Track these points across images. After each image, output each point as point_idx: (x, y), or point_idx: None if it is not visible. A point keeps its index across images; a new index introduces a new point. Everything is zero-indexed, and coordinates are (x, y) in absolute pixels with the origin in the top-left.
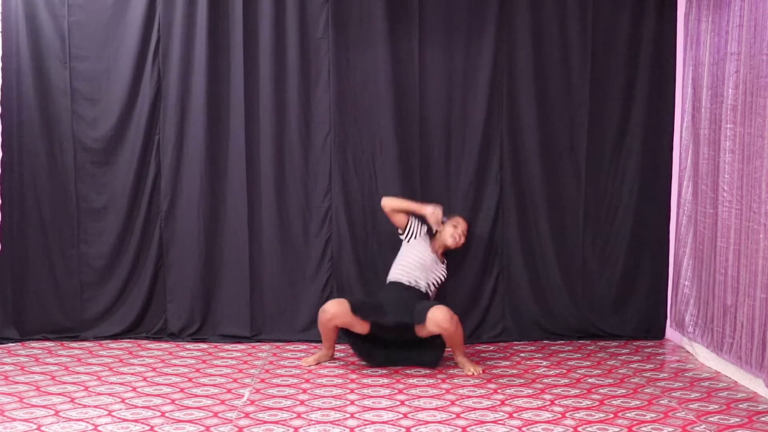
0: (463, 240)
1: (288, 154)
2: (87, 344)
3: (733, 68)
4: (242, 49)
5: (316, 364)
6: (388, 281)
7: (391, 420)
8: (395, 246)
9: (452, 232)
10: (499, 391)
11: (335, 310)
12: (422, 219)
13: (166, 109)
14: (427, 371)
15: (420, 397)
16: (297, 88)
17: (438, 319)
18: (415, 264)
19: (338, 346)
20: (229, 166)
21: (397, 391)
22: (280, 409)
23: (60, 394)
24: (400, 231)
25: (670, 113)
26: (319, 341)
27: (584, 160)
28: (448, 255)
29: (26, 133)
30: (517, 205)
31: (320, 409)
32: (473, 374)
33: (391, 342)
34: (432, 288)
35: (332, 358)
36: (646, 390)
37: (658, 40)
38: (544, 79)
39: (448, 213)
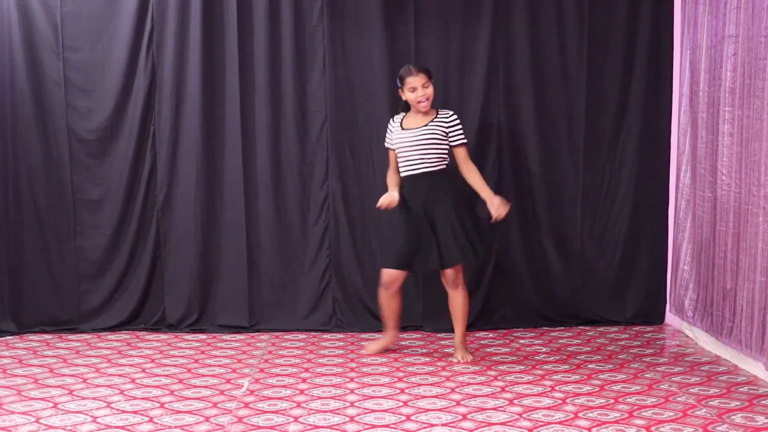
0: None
1: (284, 143)
2: (85, 336)
3: (731, 51)
4: (237, 37)
5: (383, 350)
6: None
7: (392, 408)
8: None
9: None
10: (499, 377)
11: (388, 278)
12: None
13: (161, 100)
14: (427, 359)
15: (420, 384)
16: (292, 77)
17: (447, 274)
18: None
19: (337, 335)
20: (225, 156)
21: (397, 379)
22: (280, 398)
23: (59, 386)
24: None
25: (668, 97)
26: (318, 330)
27: (582, 146)
28: None
29: (20, 125)
30: (515, 192)
31: (320, 398)
32: (459, 361)
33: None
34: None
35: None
36: (647, 375)
37: (655, 23)
38: (541, 65)
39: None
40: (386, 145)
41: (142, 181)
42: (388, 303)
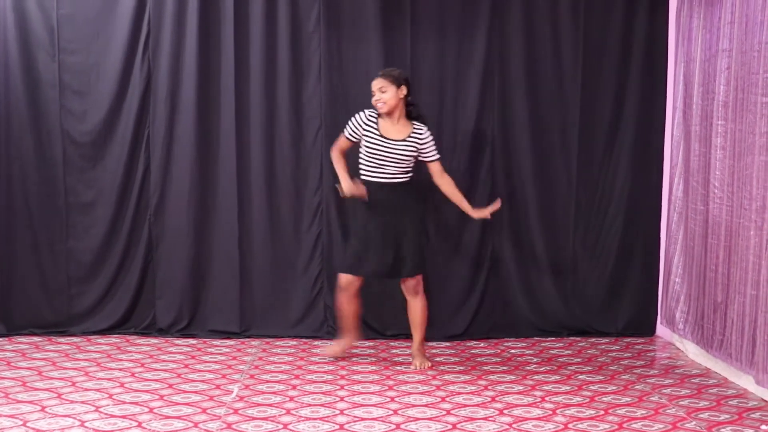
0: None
1: (279, 148)
2: (75, 339)
3: (725, 65)
4: (233, 42)
5: (341, 354)
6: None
7: (381, 416)
8: None
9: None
10: (489, 387)
11: (346, 281)
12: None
13: (156, 103)
14: (429, 364)
15: (410, 393)
16: (288, 83)
17: (407, 281)
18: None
19: (328, 342)
20: (219, 161)
21: (387, 388)
22: (270, 405)
23: (47, 389)
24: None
25: (662, 109)
26: (309, 337)
27: (575, 157)
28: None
29: (14, 127)
30: (508, 202)
31: (310, 405)
32: (417, 368)
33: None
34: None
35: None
36: (637, 387)
37: (649, 36)
38: (535, 76)
39: (441, 212)
40: (347, 134)
41: (135, 184)
42: (347, 306)
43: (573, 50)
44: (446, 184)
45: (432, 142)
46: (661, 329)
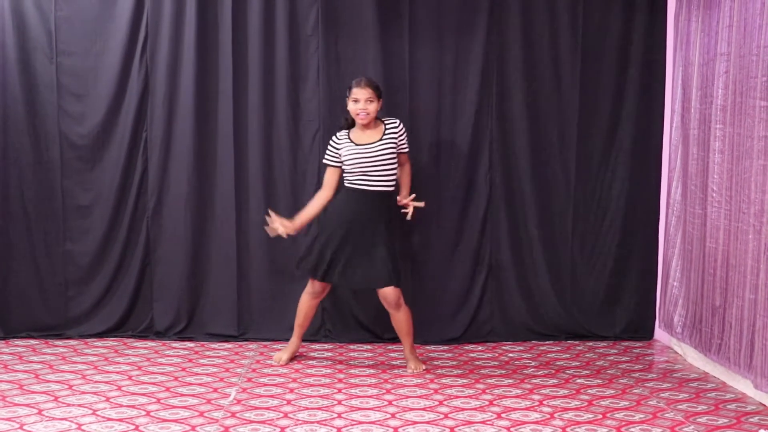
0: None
1: (277, 151)
2: (72, 342)
3: (723, 68)
4: (231, 45)
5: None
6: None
7: (379, 420)
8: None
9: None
10: (487, 391)
11: (320, 287)
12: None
13: (154, 106)
14: (424, 368)
15: (408, 397)
16: (286, 86)
17: (387, 296)
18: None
19: (326, 345)
20: (217, 164)
21: (384, 391)
22: (267, 408)
23: (44, 392)
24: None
25: (660, 113)
26: (307, 340)
27: (574, 160)
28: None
29: (11, 129)
30: (506, 205)
31: (307, 408)
32: (413, 372)
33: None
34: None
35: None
36: (635, 390)
37: (648, 39)
38: (534, 79)
39: (439, 215)
40: (327, 161)
41: (133, 186)
42: (309, 310)
43: (571, 53)
44: (405, 173)
45: (405, 133)
46: (659, 333)
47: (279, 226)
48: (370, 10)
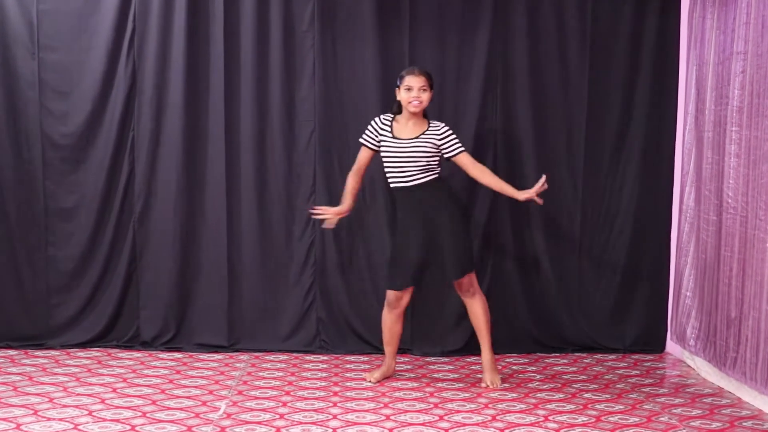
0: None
1: (270, 153)
2: (53, 353)
3: (739, 68)
4: (222, 41)
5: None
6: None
7: None
8: (382, 250)
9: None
10: (490, 405)
11: (394, 297)
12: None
13: (141, 104)
14: (415, 384)
15: (406, 411)
16: (280, 84)
17: (462, 286)
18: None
19: (321, 357)
20: (207, 165)
21: (382, 405)
22: (258, 423)
23: (23, 405)
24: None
25: (673, 115)
26: (301, 351)
27: (582, 164)
28: None
29: None
30: (510, 211)
31: (300, 423)
32: (488, 386)
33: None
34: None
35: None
36: (645, 406)
37: (660, 37)
38: (540, 79)
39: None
40: (363, 141)
41: (119, 189)
42: (392, 326)
43: (580, 53)
44: (481, 174)
45: (452, 136)
46: (671, 346)
47: (333, 215)
48: (368, 3)
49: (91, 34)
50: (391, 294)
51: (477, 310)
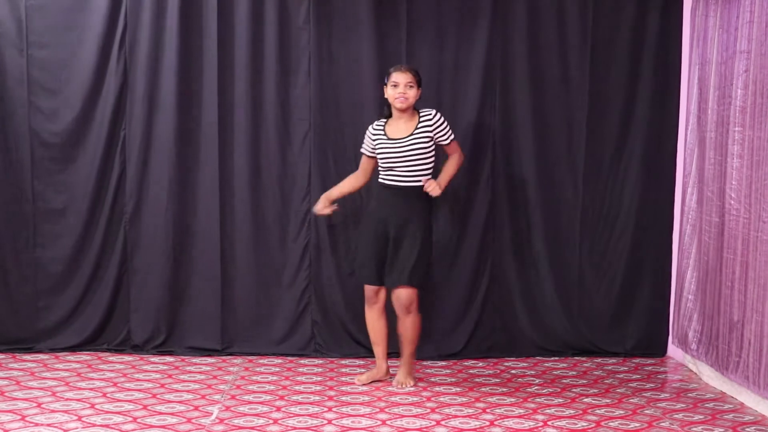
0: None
1: (264, 153)
2: (42, 357)
3: (743, 67)
4: (216, 37)
5: (370, 382)
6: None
7: None
8: None
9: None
10: (488, 410)
11: (370, 292)
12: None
13: (133, 103)
14: (411, 388)
15: (403, 416)
16: (275, 82)
17: (399, 297)
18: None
19: (316, 360)
20: (200, 165)
21: (378, 410)
22: (252, 428)
23: (10, 411)
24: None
25: (675, 115)
26: (295, 355)
27: (582, 165)
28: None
29: None
30: (509, 213)
31: (295, 428)
32: (397, 384)
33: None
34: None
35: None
36: (646, 411)
37: (662, 36)
38: (540, 78)
39: (435, 222)
40: (363, 151)
41: (110, 189)
42: (375, 323)
43: (580, 51)
44: (452, 160)
45: (444, 124)
46: (672, 349)
47: (323, 202)
48: (365, 1)
49: (81, 30)
50: (367, 289)
51: (409, 324)
